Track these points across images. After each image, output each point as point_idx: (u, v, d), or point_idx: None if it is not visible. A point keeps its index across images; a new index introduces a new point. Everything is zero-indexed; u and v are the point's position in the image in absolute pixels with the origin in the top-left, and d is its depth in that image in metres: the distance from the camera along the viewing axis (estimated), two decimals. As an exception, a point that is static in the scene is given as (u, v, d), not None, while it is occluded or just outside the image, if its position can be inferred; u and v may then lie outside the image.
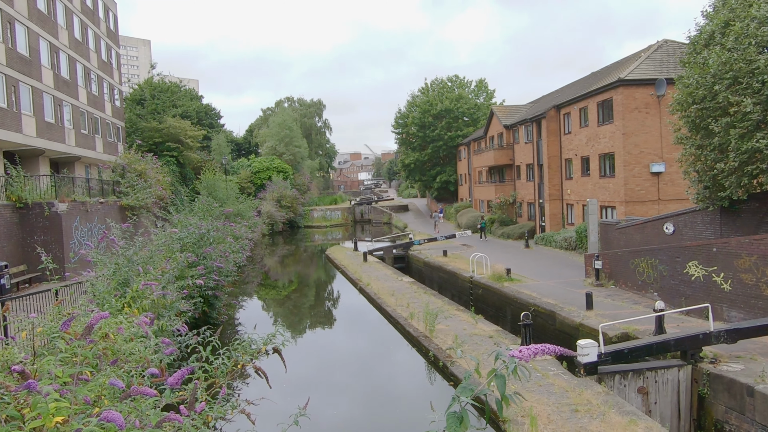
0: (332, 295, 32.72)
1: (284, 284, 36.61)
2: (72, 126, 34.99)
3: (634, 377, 13.07)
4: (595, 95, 31.89)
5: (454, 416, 3.03)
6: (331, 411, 14.20)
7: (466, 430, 3.15)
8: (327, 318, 27.01)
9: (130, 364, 6.05)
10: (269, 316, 27.58)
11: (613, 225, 26.51)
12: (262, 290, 34.65)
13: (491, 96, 69.56)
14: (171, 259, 13.93)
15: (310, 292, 33.93)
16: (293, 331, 24.36)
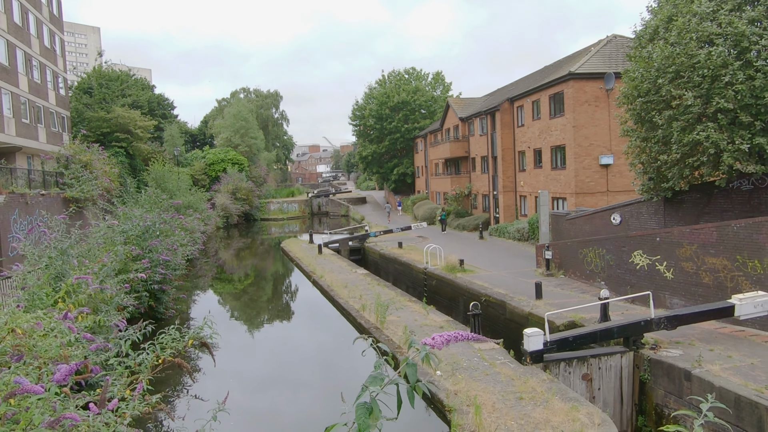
0: (286, 289, 32.37)
1: (238, 278, 36.04)
2: (12, 114, 33.46)
3: (579, 364, 13.30)
4: (547, 88, 32.34)
5: (364, 407, 2.90)
6: (272, 404, 14.00)
7: (377, 422, 3.03)
8: (279, 311, 26.68)
9: (40, 360, 5.73)
10: (220, 310, 27.06)
11: (563, 216, 26.98)
12: (215, 284, 34.02)
13: (448, 89, 69.93)
14: (111, 252, 13.42)
15: (264, 286, 33.49)
16: (244, 324, 23.99)
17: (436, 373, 12.57)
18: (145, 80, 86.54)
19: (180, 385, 16.18)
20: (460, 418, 10.15)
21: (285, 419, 13.88)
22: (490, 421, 9.94)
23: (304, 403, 14.56)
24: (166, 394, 14.90)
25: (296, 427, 13.41)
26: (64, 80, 44.77)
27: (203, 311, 26.03)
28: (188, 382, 16.33)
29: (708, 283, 16.41)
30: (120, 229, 17.54)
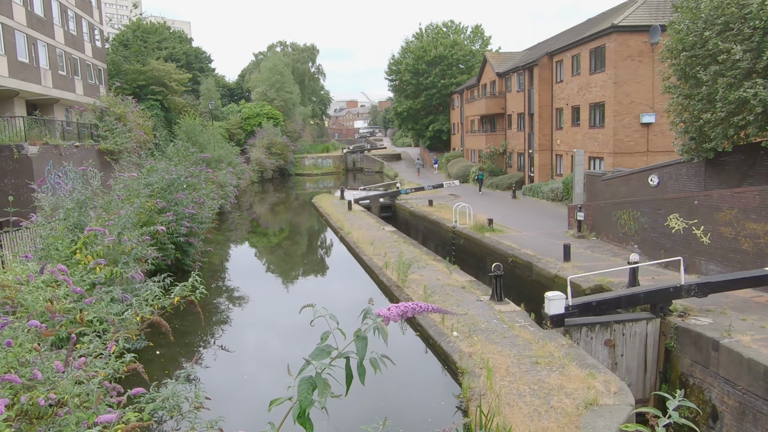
0: (312, 244, 32.49)
1: (267, 232, 36.36)
2: (48, 66, 33.84)
3: (602, 330, 12.90)
4: (587, 42, 30.84)
5: (307, 382, 2.63)
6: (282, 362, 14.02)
7: (324, 398, 2.77)
8: (302, 266, 26.77)
9: (18, 313, 5.67)
10: (246, 263, 27.34)
11: (598, 176, 26.03)
12: (246, 237, 34.39)
13: (487, 43, 67.75)
14: (131, 205, 13.43)
15: (292, 241, 33.69)
16: (265, 278, 24.18)
17: (452, 333, 12.38)
18: (183, 33, 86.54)
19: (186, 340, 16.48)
20: (471, 381, 9.96)
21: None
22: (502, 385, 9.71)
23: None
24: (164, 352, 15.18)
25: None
26: (101, 32, 44.96)
27: (231, 264, 26.39)
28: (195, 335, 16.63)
29: (747, 250, 15.60)
30: (145, 182, 17.64)
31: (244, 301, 20.26)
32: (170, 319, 18.10)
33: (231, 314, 18.93)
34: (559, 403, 9.00)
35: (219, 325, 18.06)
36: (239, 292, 21.38)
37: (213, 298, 20.65)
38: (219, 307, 19.57)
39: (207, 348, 15.79)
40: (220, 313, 19.09)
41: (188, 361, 14.72)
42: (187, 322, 18.20)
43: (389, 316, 2.77)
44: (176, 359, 14.36)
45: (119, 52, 50.88)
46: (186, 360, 14.37)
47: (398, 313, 2.81)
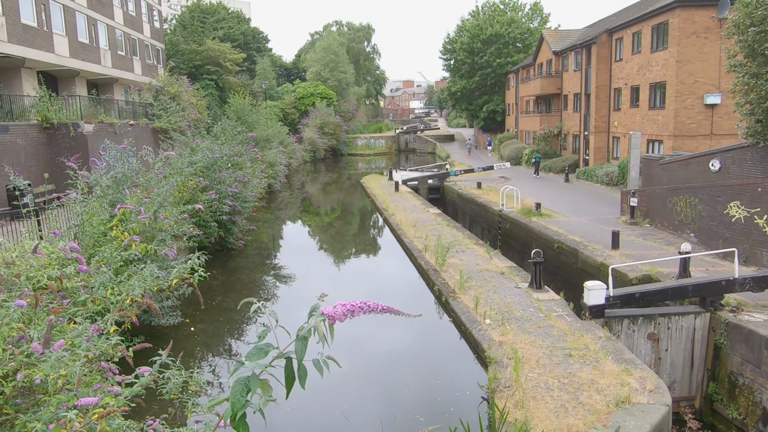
0: (356, 225, 32.47)
1: (314, 211, 36.61)
2: (108, 47, 34.90)
3: (645, 323, 12.25)
4: (649, 18, 29.19)
5: (242, 384, 2.42)
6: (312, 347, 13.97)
7: (266, 400, 2.56)
8: (345, 247, 26.78)
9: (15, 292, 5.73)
10: (291, 241, 27.54)
11: (655, 160, 24.77)
12: (293, 216, 34.71)
13: (546, 20, 65.47)
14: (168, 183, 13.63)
15: (336, 221, 33.77)
16: (304, 256, 24.28)
17: (485, 321, 12.03)
18: (241, 13, 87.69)
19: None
20: (498, 371, 9.63)
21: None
22: (530, 377, 9.35)
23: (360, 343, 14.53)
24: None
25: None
26: (159, 13, 45.99)
27: (277, 242, 26.69)
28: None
29: (813, 242, 14.47)
30: (189, 160, 17.92)
31: (284, 279, 20.43)
32: (212, 295, 18.52)
33: (271, 290, 19.14)
34: (589, 399, 8.58)
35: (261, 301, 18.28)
36: (279, 270, 21.58)
37: (257, 274, 20.94)
38: (261, 283, 19.82)
39: (247, 324, 15.99)
40: (261, 288, 19.33)
41: (224, 336, 14.99)
42: (229, 298, 18.57)
43: (334, 315, 2.53)
44: (213, 335, 14.59)
45: (177, 33, 51.99)
46: (220, 336, 14.62)
47: (344, 312, 2.57)
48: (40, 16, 26.93)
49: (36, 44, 26.39)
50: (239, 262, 21.44)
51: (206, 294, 18.56)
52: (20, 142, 20.94)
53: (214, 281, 19.59)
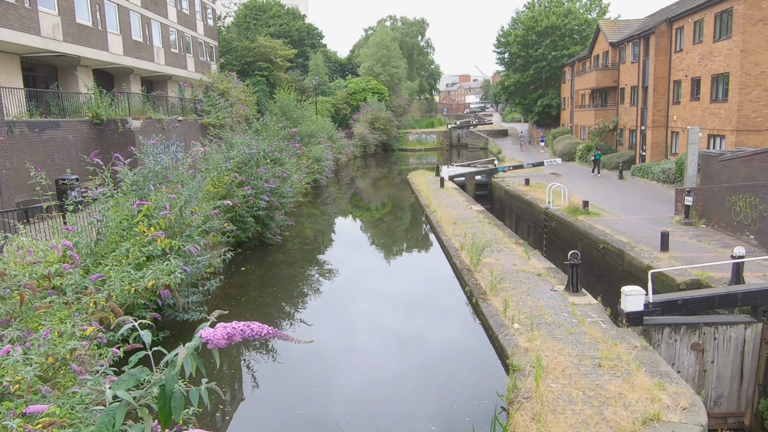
0: (399, 222, 32.12)
1: (358, 208, 36.48)
2: (161, 45, 35.80)
3: (688, 332, 11.40)
4: (712, 5, 27.45)
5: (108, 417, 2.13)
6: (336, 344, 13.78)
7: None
8: (383, 244, 26.46)
9: None
10: (332, 237, 27.43)
11: (715, 156, 23.25)
12: (337, 212, 34.65)
13: (605, 11, 63.05)
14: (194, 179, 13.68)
15: (379, 217, 33.52)
16: (344, 253, 24.13)
17: (513, 326, 11.48)
18: (297, 10, 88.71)
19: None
20: (519, 380, 9.11)
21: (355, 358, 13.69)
22: (553, 389, 8.79)
23: (382, 342, 14.23)
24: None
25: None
26: (213, 11, 46.91)
27: (318, 237, 26.66)
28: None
29: None
30: (225, 156, 18.03)
31: (318, 274, 20.32)
32: (248, 289, 18.61)
33: (305, 285, 19.07)
34: (614, 415, 7.96)
35: (296, 297, 18.25)
36: (316, 266, 21.48)
37: (294, 269, 20.92)
38: (297, 278, 19.79)
39: (281, 320, 15.94)
40: (296, 283, 19.30)
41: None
42: (265, 293, 18.62)
43: (213, 339, 2.21)
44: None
45: (232, 30, 52.90)
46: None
47: (223, 337, 2.24)
48: (95, 16, 27.84)
49: (91, 43, 27.28)
50: (277, 257, 21.50)
51: (242, 288, 18.73)
52: (71, 137, 21.68)
53: (251, 276, 19.72)
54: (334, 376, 11.91)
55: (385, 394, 11.05)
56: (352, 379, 11.81)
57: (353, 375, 12.02)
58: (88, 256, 9.54)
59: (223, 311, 2.76)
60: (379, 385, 11.46)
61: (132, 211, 11.22)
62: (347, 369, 12.28)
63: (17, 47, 22.69)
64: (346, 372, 12.13)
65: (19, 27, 22.10)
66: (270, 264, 20.96)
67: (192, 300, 12.12)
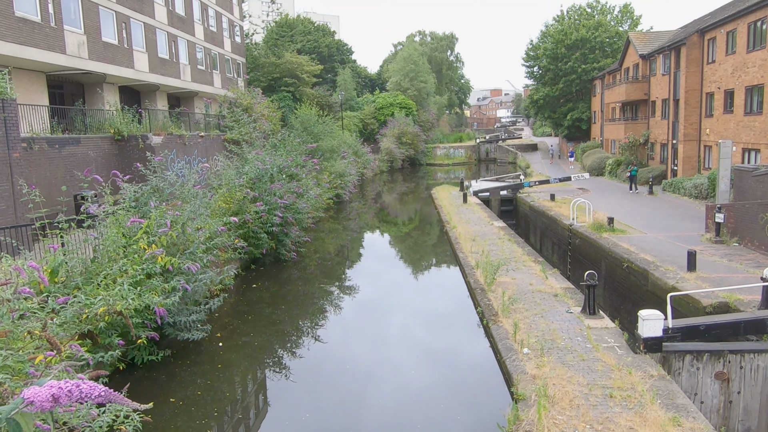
0: (419, 239, 31.63)
1: (379, 223, 36.12)
2: (188, 61, 36.31)
3: (712, 360, 10.65)
4: (745, 15, 26.47)
5: None
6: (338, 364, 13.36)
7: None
8: (399, 260, 26.00)
9: None
10: (346, 254, 26.94)
11: (749, 171, 22.22)
12: (356, 228, 34.27)
13: (637, 23, 61.82)
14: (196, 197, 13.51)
15: (399, 234, 33.10)
16: (360, 270, 23.75)
17: (522, 350, 10.91)
18: (327, 26, 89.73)
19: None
20: (522, 411, 8.56)
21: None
22: (558, 421, 8.21)
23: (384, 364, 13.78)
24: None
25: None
26: (240, 28, 47.54)
27: (334, 254, 26.35)
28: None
29: None
30: (237, 172, 17.92)
31: (331, 291, 19.97)
32: (261, 306, 18.36)
33: (318, 303, 18.74)
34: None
35: (310, 314, 17.93)
36: (331, 282, 21.14)
37: (310, 286, 20.62)
38: (312, 295, 19.48)
39: (291, 339, 15.63)
40: (310, 300, 18.98)
41: (253, 355, 14.61)
42: (279, 310, 18.35)
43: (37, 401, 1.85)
44: (242, 352, 14.27)
45: (258, 47, 53.47)
46: (249, 354, 14.30)
47: (47, 399, 1.88)
48: (121, 34, 28.35)
49: (116, 61, 27.76)
50: (292, 274, 21.25)
51: (254, 305, 18.50)
52: (92, 153, 21.93)
53: (265, 293, 19.50)
54: (330, 397, 11.53)
55: (381, 421, 10.58)
56: (349, 403, 11.39)
57: (350, 399, 11.61)
58: (81, 275, 9.41)
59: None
60: (377, 410, 11.01)
61: (128, 228, 11.09)
62: (345, 391, 11.88)
63: (42, 65, 23.17)
64: (343, 395, 11.73)
65: (44, 46, 22.57)
66: (285, 280, 20.72)
67: (193, 319, 11.89)
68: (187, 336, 11.88)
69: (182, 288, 11.31)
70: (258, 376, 13.41)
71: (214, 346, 13.47)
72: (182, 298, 11.97)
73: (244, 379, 12.76)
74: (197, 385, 11.58)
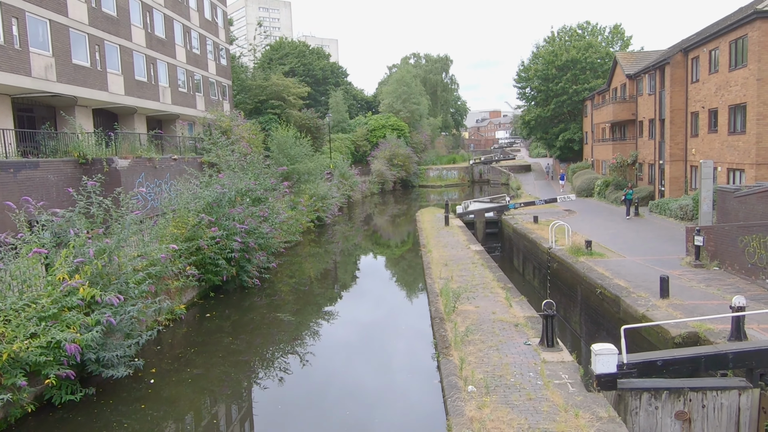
0: (393, 263, 30.85)
1: (357, 247, 35.30)
2: (168, 84, 35.91)
3: (671, 398, 9.83)
4: (727, 33, 26.00)
5: None
6: (277, 400, 12.56)
7: None
8: (368, 287, 25.12)
9: None
10: (314, 279, 26.01)
11: (731, 192, 21.49)
12: (332, 252, 33.35)
13: (627, 44, 61.74)
14: (127, 222, 12.79)
15: (374, 257, 32.36)
16: (322, 295, 22.95)
17: (467, 388, 10.09)
18: (322, 49, 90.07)
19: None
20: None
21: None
22: (486, 473, 7.37)
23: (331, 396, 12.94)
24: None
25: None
26: (226, 50, 47.29)
27: (303, 279, 25.51)
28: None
29: None
30: (194, 195, 17.24)
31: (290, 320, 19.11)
32: (220, 336, 17.53)
33: (282, 331, 17.93)
34: None
35: (272, 342, 17.11)
36: (292, 309, 20.26)
37: (273, 313, 19.76)
38: (271, 323, 18.64)
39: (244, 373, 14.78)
40: (275, 328, 18.15)
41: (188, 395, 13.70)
42: (239, 340, 17.51)
43: None
44: (177, 390, 13.40)
45: (245, 70, 53.23)
46: (183, 392, 13.45)
47: None
48: (94, 57, 27.93)
49: (88, 83, 27.30)
50: (255, 301, 20.44)
51: (212, 335, 17.66)
52: (52, 177, 21.29)
53: (225, 321, 18.67)
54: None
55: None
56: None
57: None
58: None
59: None
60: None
61: (51, 258, 10.38)
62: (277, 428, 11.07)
63: (6, 88, 22.69)
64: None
65: (7, 68, 22.10)
66: (248, 308, 19.90)
67: (118, 354, 11.07)
68: (111, 373, 11.05)
69: (107, 321, 10.54)
70: (204, 412, 12.56)
71: (145, 383, 12.60)
72: (111, 331, 11.20)
73: (180, 418, 11.91)
74: (117, 427, 10.70)
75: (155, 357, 14.44)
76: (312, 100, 73.00)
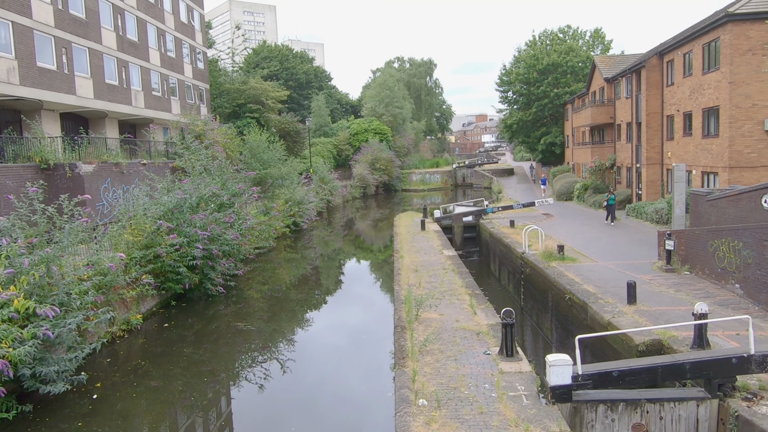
0: (365, 269, 30.44)
1: (336, 252, 34.89)
2: (141, 88, 35.30)
3: (628, 409, 9.51)
4: (700, 36, 25.95)
5: None
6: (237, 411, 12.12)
7: None
8: (336, 295, 24.73)
9: None
10: (283, 285, 25.47)
11: (703, 196, 21.34)
12: (306, 258, 32.80)
13: (608, 48, 61.87)
14: (61, 230, 12.29)
15: (347, 263, 31.90)
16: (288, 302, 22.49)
17: (417, 402, 9.70)
18: (305, 53, 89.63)
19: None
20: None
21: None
22: (423, 495, 6.98)
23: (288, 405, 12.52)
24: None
25: None
26: (204, 54, 46.70)
27: (272, 286, 25.01)
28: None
29: None
30: (154, 202, 16.74)
31: (254, 328, 18.64)
32: (182, 346, 16.99)
33: (247, 339, 17.45)
34: None
35: (237, 351, 16.62)
36: (258, 317, 19.81)
37: (239, 321, 19.27)
38: (235, 332, 18.15)
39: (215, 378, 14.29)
40: (240, 336, 17.67)
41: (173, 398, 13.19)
42: (202, 349, 17.02)
43: None
44: (126, 405, 12.91)
45: (222, 74, 52.59)
46: (170, 398, 12.95)
47: None
48: (61, 60, 27.31)
49: (54, 87, 26.67)
50: (220, 309, 19.94)
51: (172, 345, 17.12)
52: (10, 183, 20.69)
53: (188, 331, 18.15)
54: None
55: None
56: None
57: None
58: None
59: None
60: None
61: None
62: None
63: (-35, 92, 22.07)
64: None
65: (-34, 71, 21.48)
66: (212, 317, 19.39)
67: (56, 369, 10.54)
68: (48, 389, 10.53)
69: (43, 335, 10.04)
70: (162, 427, 12.07)
71: (88, 398, 12.08)
72: (52, 345, 10.68)
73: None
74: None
75: (104, 370, 13.93)
76: (295, 104, 72.45)
